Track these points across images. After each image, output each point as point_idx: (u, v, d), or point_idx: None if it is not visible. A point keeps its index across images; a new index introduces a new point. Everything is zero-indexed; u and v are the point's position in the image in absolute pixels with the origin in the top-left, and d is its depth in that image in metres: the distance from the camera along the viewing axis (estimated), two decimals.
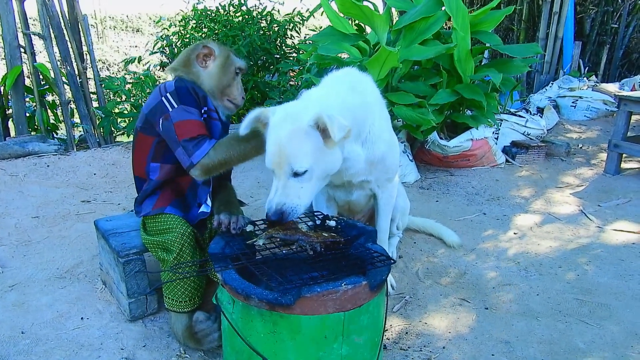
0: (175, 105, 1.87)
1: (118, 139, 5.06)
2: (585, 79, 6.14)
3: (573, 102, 5.64)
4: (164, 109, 1.88)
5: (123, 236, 2.16)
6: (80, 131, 5.08)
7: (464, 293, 2.46)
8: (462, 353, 2.04)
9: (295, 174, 1.68)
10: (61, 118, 4.95)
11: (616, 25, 7.07)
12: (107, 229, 2.22)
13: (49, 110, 4.92)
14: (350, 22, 4.29)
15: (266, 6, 5.61)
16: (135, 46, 13.13)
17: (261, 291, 1.55)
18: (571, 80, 5.97)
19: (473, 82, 3.80)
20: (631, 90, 6.12)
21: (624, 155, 4.04)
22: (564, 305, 2.36)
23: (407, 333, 2.16)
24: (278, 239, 1.74)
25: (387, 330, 2.13)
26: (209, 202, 2.04)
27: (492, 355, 2.03)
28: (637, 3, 7.03)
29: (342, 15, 4.18)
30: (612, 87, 6.10)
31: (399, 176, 2.39)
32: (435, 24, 3.71)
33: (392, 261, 1.68)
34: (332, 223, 1.94)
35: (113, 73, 11.45)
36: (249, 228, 1.88)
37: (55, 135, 5.00)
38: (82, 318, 2.15)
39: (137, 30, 13.87)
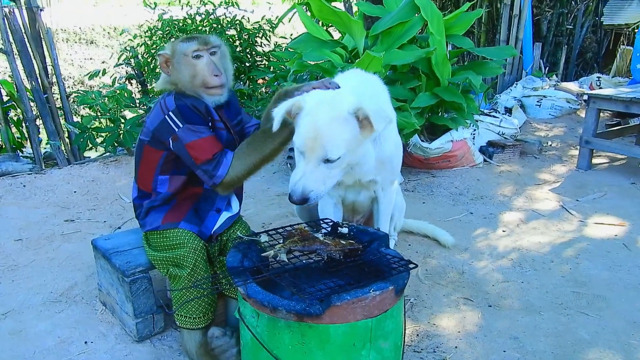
0: (181, 125, 1.80)
1: (86, 154, 4.90)
2: (547, 78, 6.36)
3: (538, 102, 5.83)
4: (170, 128, 1.81)
5: (126, 254, 2.09)
6: (44, 147, 4.90)
7: (466, 292, 2.50)
8: (475, 351, 2.07)
9: (327, 161, 1.70)
10: (27, 135, 4.77)
11: (571, 27, 7.38)
12: (107, 248, 2.14)
13: (13, 128, 4.73)
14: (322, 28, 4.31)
15: (235, 15, 5.57)
16: (91, 58, 12.78)
17: (288, 302, 1.53)
18: (534, 80, 6.18)
19: (449, 84, 3.88)
20: (589, 89, 6.39)
21: (594, 150, 4.21)
22: (563, 298, 2.43)
23: (417, 335, 2.18)
24: (297, 251, 1.73)
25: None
26: (234, 204, 2.05)
27: (504, 351, 2.07)
28: (589, 5, 7.35)
29: (315, 21, 4.21)
30: (573, 86, 6.36)
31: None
32: (411, 29, 3.78)
33: (414, 265, 1.69)
34: (345, 230, 1.93)
35: (68, 87, 11.09)
36: (264, 238, 1.85)
37: (20, 153, 4.80)
38: (85, 342, 2.07)
39: (91, 42, 13.51)
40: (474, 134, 4.20)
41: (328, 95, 1.76)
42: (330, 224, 2.00)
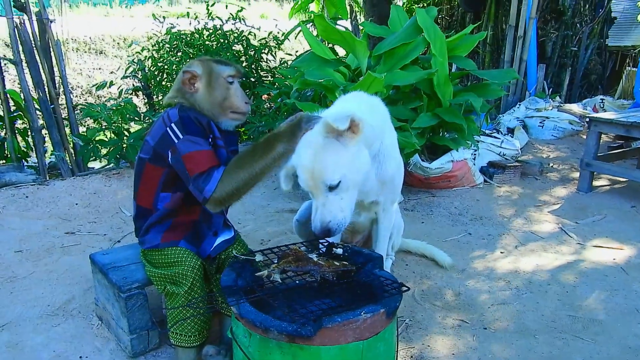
0: (181, 136, 1.81)
1: (90, 164, 4.94)
2: (550, 99, 6.38)
3: (540, 122, 5.85)
4: (170, 140, 1.82)
5: (123, 270, 2.11)
6: (49, 157, 4.94)
7: (462, 314, 2.50)
8: None
9: (331, 188, 1.75)
10: (32, 145, 4.82)
11: (576, 49, 7.41)
12: (104, 263, 2.16)
13: (18, 137, 4.79)
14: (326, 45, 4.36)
15: (242, 30, 5.63)
16: (99, 68, 12.90)
17: (280, 323, 1.54)
18: (537, 101, 6.20)
19: (451, 105, 3.91)
20: (592, 110, 6.41)
21: (594, 173, 4.22)
22: (558, 322, 2.43)
23: (411, 357, 2.18)
24: (291, 271, 1.75)
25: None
26: (230, 228, 2.08)
27: None
28: (594, 27, 7.39)
29: (320, 39, 4.25)
30: (576, 108, 6.38)
31: None
32: (414, 50, 3.82)
33: (406, 288, 1.70)
34: (339, 251, 1.95)
35: (76, 96, 11.21)
36: (259, 258, 1.87)
37: (26, 162, 4.86)
38: (80, 357, 2.08)
39: (101, 52, 13.65)
40: (474, 155, 4.21)
41: (303, 139, 1.77)
42: (326, 244, 2.02)
